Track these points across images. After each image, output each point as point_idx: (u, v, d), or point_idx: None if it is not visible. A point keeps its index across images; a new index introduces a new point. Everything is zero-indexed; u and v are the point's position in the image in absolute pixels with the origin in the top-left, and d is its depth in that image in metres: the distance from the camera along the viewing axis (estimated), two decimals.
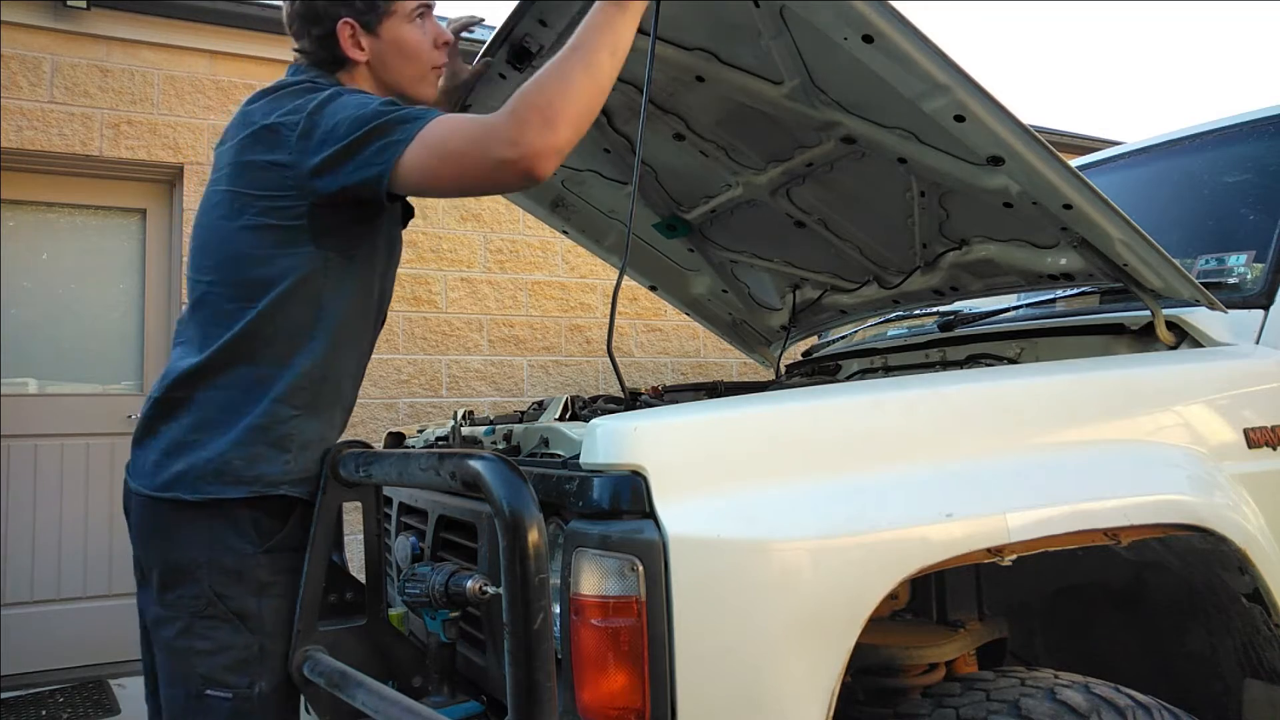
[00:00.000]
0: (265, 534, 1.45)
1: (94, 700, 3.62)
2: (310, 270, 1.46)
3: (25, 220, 4.16)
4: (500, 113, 1.36)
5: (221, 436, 1.43)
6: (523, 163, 1.33)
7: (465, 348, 4.78)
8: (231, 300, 1.45)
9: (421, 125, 1.38)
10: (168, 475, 1.43)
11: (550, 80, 1.35)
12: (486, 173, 1.36)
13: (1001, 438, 1.34)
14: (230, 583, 1.42)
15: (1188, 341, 1.71)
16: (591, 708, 1.07)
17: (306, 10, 1.57)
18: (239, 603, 1.42)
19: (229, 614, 1.41)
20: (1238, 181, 2.00)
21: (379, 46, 1.60)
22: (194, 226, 1.58)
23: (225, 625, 1.41)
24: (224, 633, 1.41)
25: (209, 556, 1.42)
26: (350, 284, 1.52)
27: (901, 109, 1.60)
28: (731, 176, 2.15)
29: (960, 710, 1.23)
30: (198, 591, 1.41)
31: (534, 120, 1.33)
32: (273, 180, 1.44)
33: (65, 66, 4.03)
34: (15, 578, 3.94)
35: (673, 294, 2.74)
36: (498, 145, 1.33)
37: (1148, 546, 1.48)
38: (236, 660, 1.41)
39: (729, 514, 1.11)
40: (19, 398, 4.02)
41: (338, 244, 1.49)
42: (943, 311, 2.27)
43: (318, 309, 1.48)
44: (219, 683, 1.40)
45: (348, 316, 1.53)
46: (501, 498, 1.02)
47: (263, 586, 1.44)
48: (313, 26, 1.58)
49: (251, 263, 1.45)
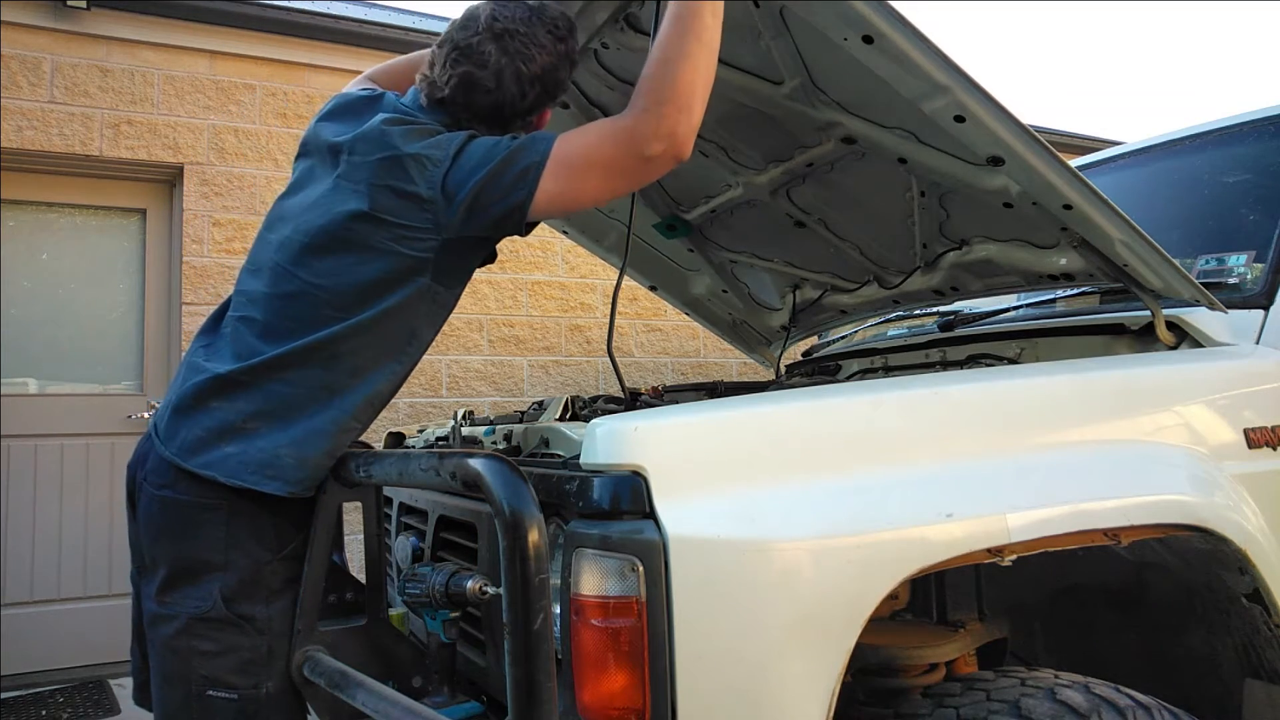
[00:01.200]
0: (284, 540, 1.45)
1: (94, 700, 3.62)
2: (418, 297, 1.47)
3: (25, 220, 4.16)
4: (633, 110, 1.39)
5: (281, 431, 1.42)
6: (671, 150, 1.38)
7: (465, 348, 4.78)
8: (332, 307, 1.45)
9: (550, 145, 1.41)
10: (213, 455, 1.41)
11: (672, 63, 1.38)
12: (637, 171, 1.41)
13: (1001, 438, 1.34)
14: (242, 589, 1.41)
15: (1188, 342, 1.71)
16: (591, 708, 1.07)
17: (513, 85, 1.53)
18: (247, 607, 1.41)
19: (236, 618, 1.40)
20: (1238, 181, 2.00)
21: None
22: (295, 218, 1.53)
23: (231, 628, 1.40)
24: (230, 634, 1.40)
25: (225, 559, 1.41)
26: (441, 315, 1.54)
27: (901, 109, 1.60)
28: (731, 176, 2.15)
29: (960, 710, 1.23)
30: (204, 594, 1.40)
31: (670, 109, 1.36)
32: (411, 211, 1.43)
33: (65, 66, 4.03)
34: (15, 578, 3.94)
35: (673, 294, 2.74)
36: (646, 143, 1.37)
37: (1148, 547, 1.48)
38: (243, 661, 1.40)
39: (729, 514, 1.11)
40: (19, 398, 4.02)
41: (449, 278, 1.50)
42: (943, 311, 2.27)
43: (411, 334, 1.50)
44: (224, 684, 1.39)
45: (428, 344, 1.55)
46: (501, 498, 1.02)
47: (273, 592, 1.43)
48: (506, 105, 1.55)
49: (368, 282, 1.45)
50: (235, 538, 1.41)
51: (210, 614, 1.39)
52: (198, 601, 1.39)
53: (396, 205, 1.43)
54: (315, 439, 1.43)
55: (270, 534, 1.43)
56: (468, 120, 1.56)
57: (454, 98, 1.54)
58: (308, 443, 1.43)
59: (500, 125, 1.58)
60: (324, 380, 1.45)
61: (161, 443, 1.46)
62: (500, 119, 1.57)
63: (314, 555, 1.45)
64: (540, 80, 1.55)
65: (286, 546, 1.44)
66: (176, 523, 1.42)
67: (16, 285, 4.10)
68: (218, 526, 1.40)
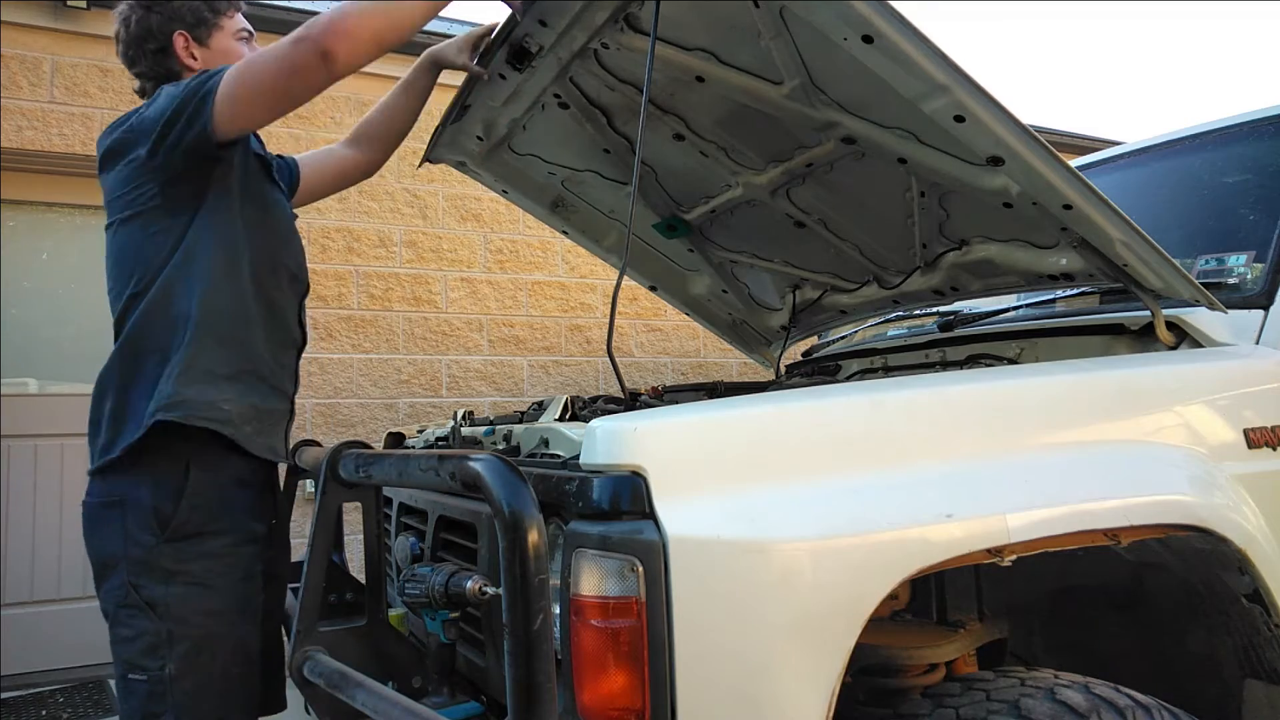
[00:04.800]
0: (163, 523, 1.57)
1: (94, 700, 3.62)
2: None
3: (25, 220, 4.16)
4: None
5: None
6: (309, 42, 1.47)
7: (465, 348, 4.78)
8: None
9: (222, 73, 1.54)
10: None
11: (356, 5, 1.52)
12: (283, 63, 1.50)
13: (1001, 438, 1.34)
14: (141, 573, 1.55)
15: (1188, 342, 1.71)
16: (591, 708, 1.07)
17: (141, 31, 1.73)
18: (149, 591, 1.54)
19: (143, 603, 1.53)
20: (1238, 181, 2.00)
21: (209, 56, 1.76)
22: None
23: (140, 614, 1.53)
24: (140, 620, 1.52)
25: (124, 550, 1.56)
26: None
27: (901, 109, 1.60)
28: (731, 176, 2.15)
29: (960, 710, 1.23)
30: (119, 584, 1.56)
31: (320, 18, 1.50)
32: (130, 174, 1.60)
33: (65, 66, 4.03)
34: (15, 578, 3.94)
35: (673, 294, 2.74)
36: (288, 40, 1.49)
37: (1148, 547, 1.48)
38: (149, 645, 1.51)
39: (729, 514, 1.11)
40: (19, 398, 4.02)
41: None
42: (943, 311, 2.27)
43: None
44: (138, 666, 1.51)
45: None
46: (501, 498, 1.02)
47: (168, 573, 1.53)
48: (148, 43, 1.73)
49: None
50: (129, 529, 1.53)
51: (127, 601, 1.52)
52: (118, 592, 1.53)
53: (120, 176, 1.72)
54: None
55: (152, 519, 1.53)
56: (164, 79, 1.74)
57: (140, 71, 1.78)
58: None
59: (173, 62, 1.75)
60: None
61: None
62: (166, 55, 1.75)
63: (313, 555, 1.46)
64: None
65: (166, 528, 1.53)
66: (88, 524, 1.59)
67: (16, 285, 4.10)
68: (116, 522, 1.54)
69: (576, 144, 2.20)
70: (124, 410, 1.58)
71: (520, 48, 1.85)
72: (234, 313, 1.63)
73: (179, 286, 1.59)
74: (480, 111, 2.12)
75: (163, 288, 1.59)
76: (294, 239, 1.84)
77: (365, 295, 4.55)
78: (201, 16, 1.75)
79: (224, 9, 1.78)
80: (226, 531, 1.56)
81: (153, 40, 1.73)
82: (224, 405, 1.57)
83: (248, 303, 1.65)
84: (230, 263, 1.63)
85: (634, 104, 1.99)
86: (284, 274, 1.76)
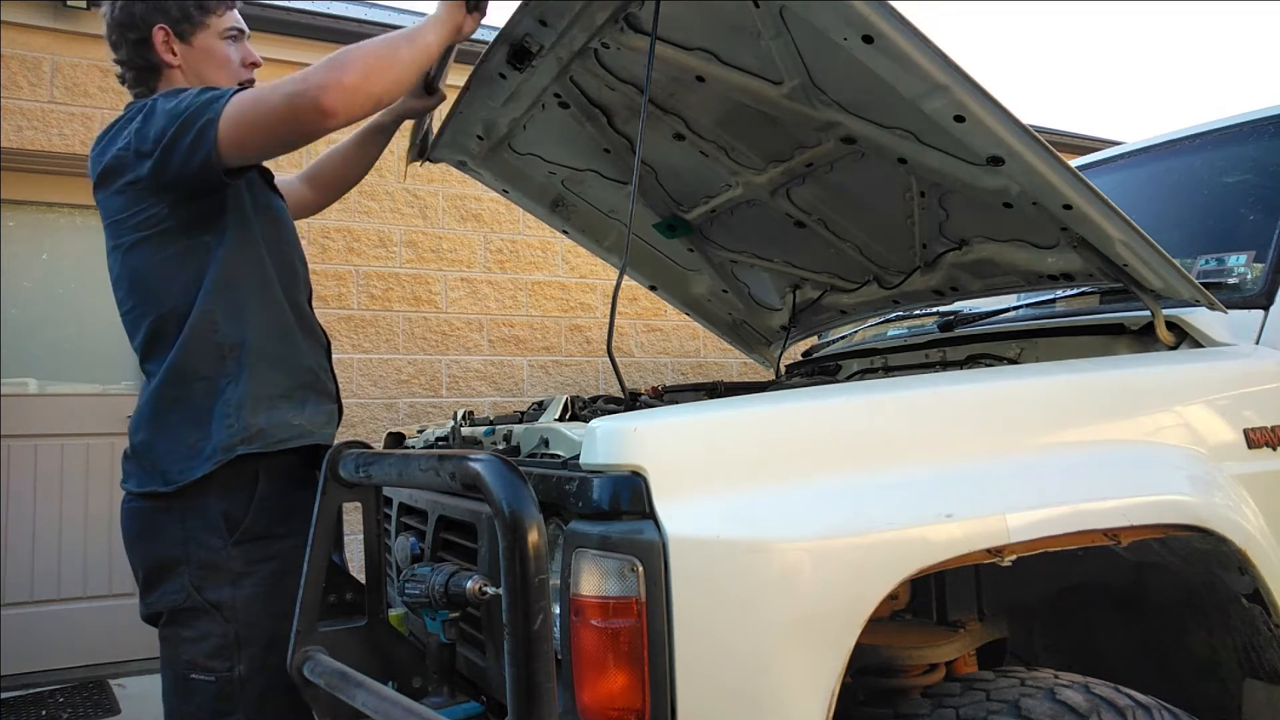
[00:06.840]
0: (233, 525, 1.60)
1: (94, 700, 3.62)
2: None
3: (25, 220, 4.16)
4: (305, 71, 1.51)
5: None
6: (310, 94, 1.45)
7: (465, 348, 4.78)
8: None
9: (222, 100, 1.51)
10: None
11: (370, 44, 1.53)
12: (282, 113, 1.48)
13: (1001, 438, 1.34)
14: (207, 577, 1.56)
15: (1188, 342, 1.71)
16: (591, 708, 1.07)
17: (124, 17, 1.71)
18: (215, 594, 1.55)
19: (208, 605, 1.54)
20: (1238, 181, 2.00)
21: (190, 54, 1.74)
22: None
23: (205, 615, 1.54)
24: (204, 622, 1.53)
25: (185, 553, 1.56)
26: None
27: (901, 109, 1.60)
28: (731, 176, 2.15)
29: (960, 710, 1.23)
30: (178, 587, 1.56)
31: (322, 64, 1.48)
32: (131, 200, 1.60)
33: (65, 66, 4.03)
34: (15, 578, 3.94)
35: (673, 294, 2.74)
36: (287, 84, 1.48)
37: (1148, 547, 1.48)
38: (216, 647, 1.52)
39: (729, 514, 1.11)
40: (19, 398, 4.02)
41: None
42: (943, 311, 2.27)
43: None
44: (202, 667, 1.52)
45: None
46: (501, 498, 1.02)
47: (236, 575, 1.55)
48: (129, 32, 1.71)
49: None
50: (190, 532, 1.53)
51: (189, 603, 1.52)
52: (177, 595, 1.53)
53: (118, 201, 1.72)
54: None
55: (220, 523, 1.55)
56: (145, 70, 1.74)
57: (121, 58, 1.76)
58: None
59: (152, 55, 1.73)
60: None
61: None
62: (146, 47, 1.72)
63: (313, 555, 1.46)
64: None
65: (236, 530, 1.55)
66: (140, 527, 1.58)
67: (16, 285, 4.10)
68: (175, 525, 1.54)
69: (577, 143, 2.20)
70: (171, 438, 1.58)
71: (520, 47, 1.85)
72: (279, 333, 1.67)
73: (220, 315, 1.60)
74: (480, 111, 2.12)
75: (204, 315, 1.59)
76: (299, 243, 1.85)
77: (365, 295, 4.55)
78: (187, 13, 1.72)
79: (214, 8, 1.75)
80: (294, 533, 1.58)
81: (134, 29, 1.71)
82: (294, 421, 1.63)
83: (286, 318, 1.69)
84: (264, 284, 1.66)
85: (634, 104, 1.99)
86: (300, 281, 1.79)
